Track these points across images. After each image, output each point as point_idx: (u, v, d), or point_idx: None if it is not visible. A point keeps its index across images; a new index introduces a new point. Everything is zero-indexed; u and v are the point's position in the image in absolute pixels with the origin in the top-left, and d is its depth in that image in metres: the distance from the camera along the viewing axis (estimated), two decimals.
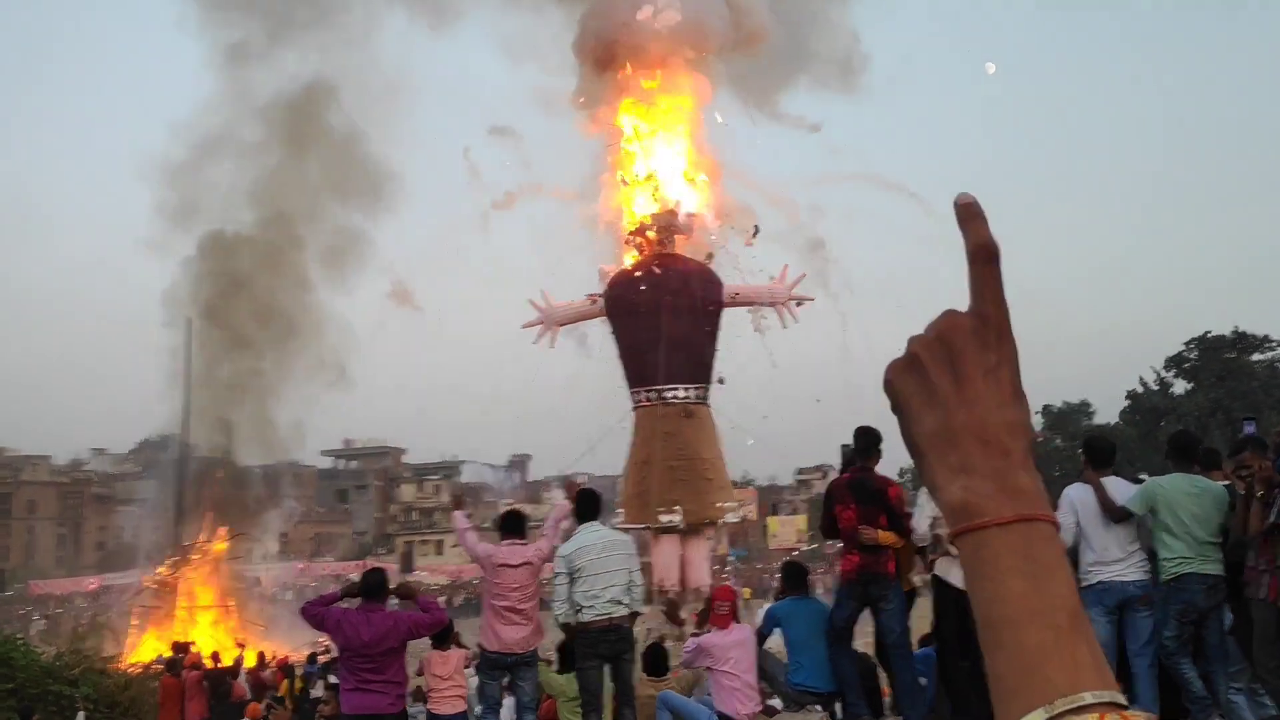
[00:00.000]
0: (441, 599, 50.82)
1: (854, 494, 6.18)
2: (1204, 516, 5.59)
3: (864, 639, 6.64)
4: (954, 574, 6.06)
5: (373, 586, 6.28)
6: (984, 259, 0.72)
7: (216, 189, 32.31)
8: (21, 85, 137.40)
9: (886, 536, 6.08)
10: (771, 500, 70.64)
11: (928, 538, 6.08)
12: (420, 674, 7.78)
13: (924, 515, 6.07)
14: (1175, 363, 51.58)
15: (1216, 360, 49.71)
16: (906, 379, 0.73)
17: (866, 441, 6.42)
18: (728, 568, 51.65)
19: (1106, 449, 6.23)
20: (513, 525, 6.79)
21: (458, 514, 7.09)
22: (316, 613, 6.23)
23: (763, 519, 64.48)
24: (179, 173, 32.40)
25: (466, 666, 7.75)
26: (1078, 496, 5.94)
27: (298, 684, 15.82)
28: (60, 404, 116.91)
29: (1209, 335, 50.54)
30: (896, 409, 0.74)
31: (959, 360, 0.71)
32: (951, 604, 6.07)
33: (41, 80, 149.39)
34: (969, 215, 0.73)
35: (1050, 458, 55.26)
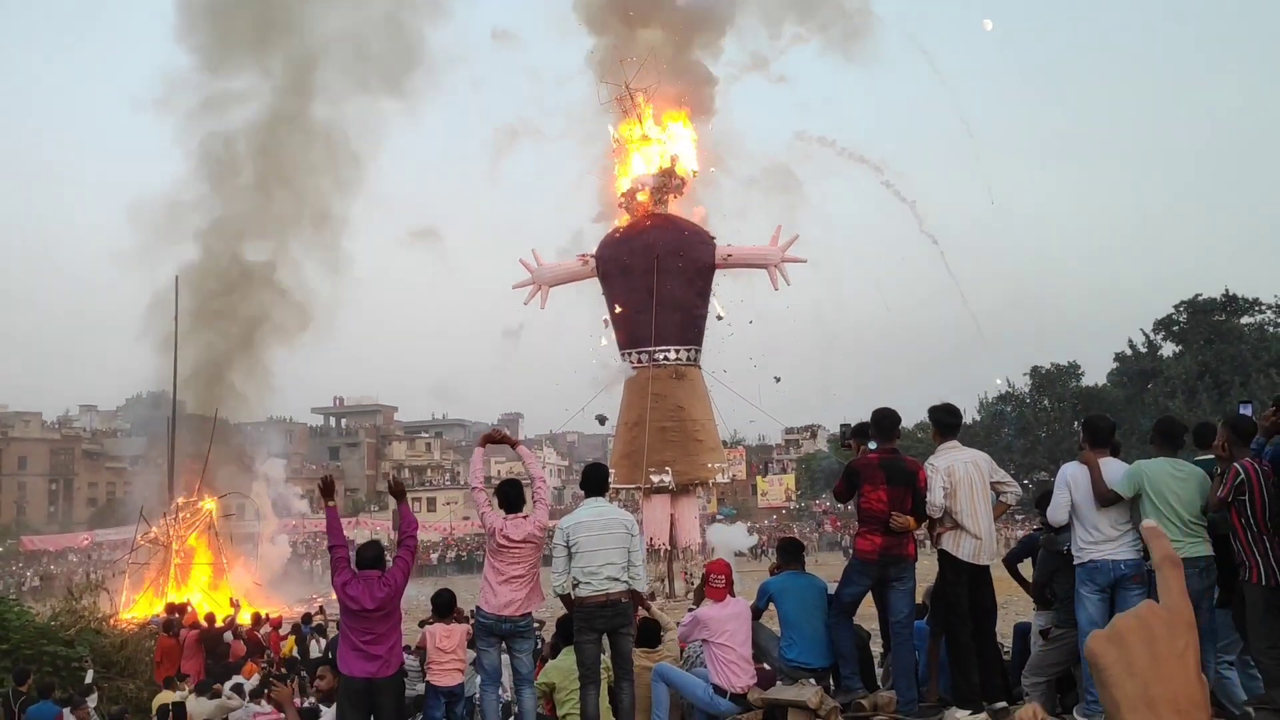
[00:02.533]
0: (434, 555, 50.92)
1: (886, 475, 6.16)
2: (1188, 499, 5.67)
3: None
4: (963, 547, 6.13)
5: (369, 560, 6.34)
6: (1172, 566, 0.95)
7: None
8: (20, 16, 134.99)
9: (913, 522, 6.13)
10: (761, 460, 71.08)
11: (941, 509, 6.12)
12: (421, 646, 7.85)
13: (936, 486, 6.12)
14: (1164, 325, 51.75)
15: (1205, 323, 49.86)
16: (1109, 649, 0.91)
17: (891, 422, 6.46)
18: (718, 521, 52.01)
19: (1105, 429, 6.26)
20: (512, 500, 6.81)
21: (478, 494, 7.05)
22: (345, 556, 6.33)
23: (752, 478, 64.92)
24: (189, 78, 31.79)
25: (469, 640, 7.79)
26: (1073, 475, 6.00)
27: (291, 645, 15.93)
28: (49, 360, 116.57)
29: (1199, 298, 50.63)
30: (1096, 670, 0.92)
31: (1156, 643, 0.90)
32: (962, 575, 6.14)
33: (42, 11, 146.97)
34: (1154, 536, 0.99)
35: (1038, 419, 55.70)
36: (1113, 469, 5.92)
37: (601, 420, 27.80)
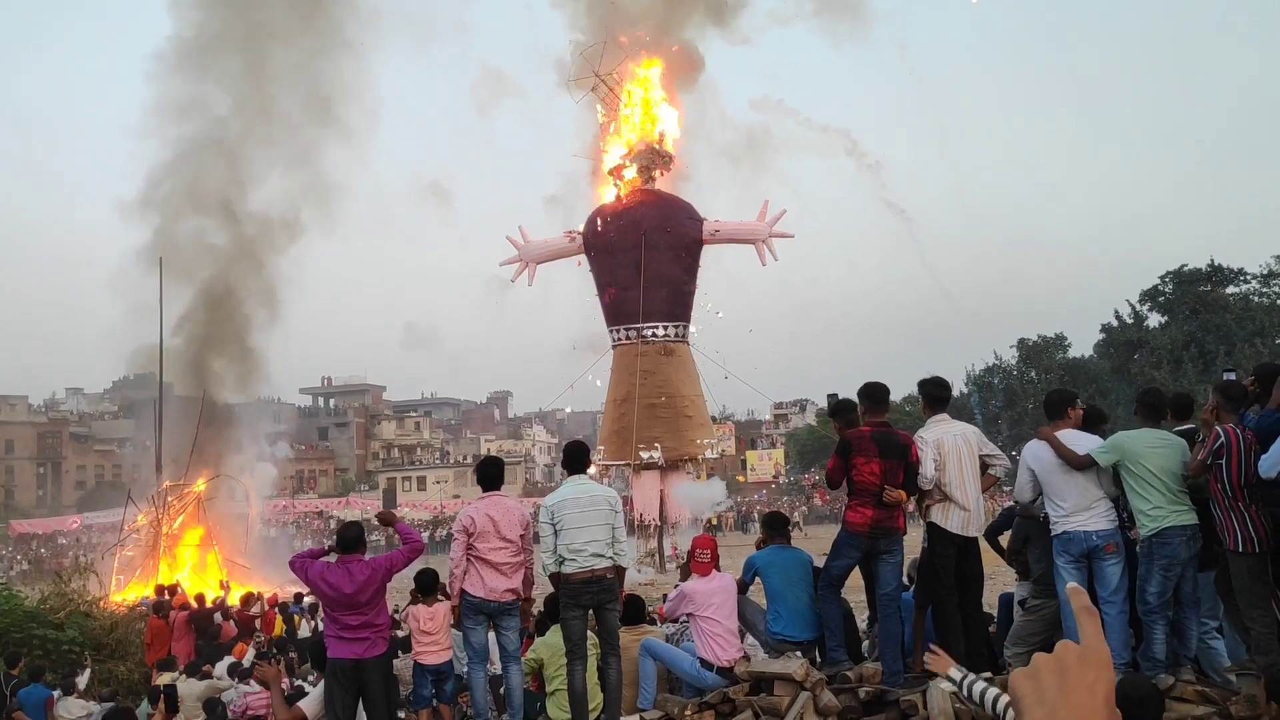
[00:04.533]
0: (425, 534, 51.09)
1: (879, 448, 6.15)
2: (1170, 468, 5.70)
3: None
4: (952, 519, 6.16)
5: (349, 541, 6.29)
6: (1089, 615, 1.05)
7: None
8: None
9: (905, 495, 6.15)
10: (749, 435, 71.26)
11: (932, 481, 6.14)
12: (405, 622, 7.84)
13: (928, 458, 6.14)
14: (1150, 296, 51.91)
15: (1191, 294, 50.04)
16: (1025, 682, 1.00)
17: (883, 394, 6.47)
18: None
19: (1055, 401, 6.31)
20: (493, 477, 6.77)
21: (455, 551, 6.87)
22: (301, 564, 6.27)
23: (741, 453, 65.11)
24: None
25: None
26: (1032, 453, 6.06)
27: (280, 625, 15.93)
28: (35, 344, 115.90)
29: (1184, 268, 50.79)
30: (1014, 702, 1.00)
31: (1068, 674, 0.98)
32: (950, 547, 6.17)
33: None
34: (1075, 593, 1.11)
35: (1025, 390, 55.96)
36: (1076, 437, 5.95)
37: None
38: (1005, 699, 3.71)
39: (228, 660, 11.89)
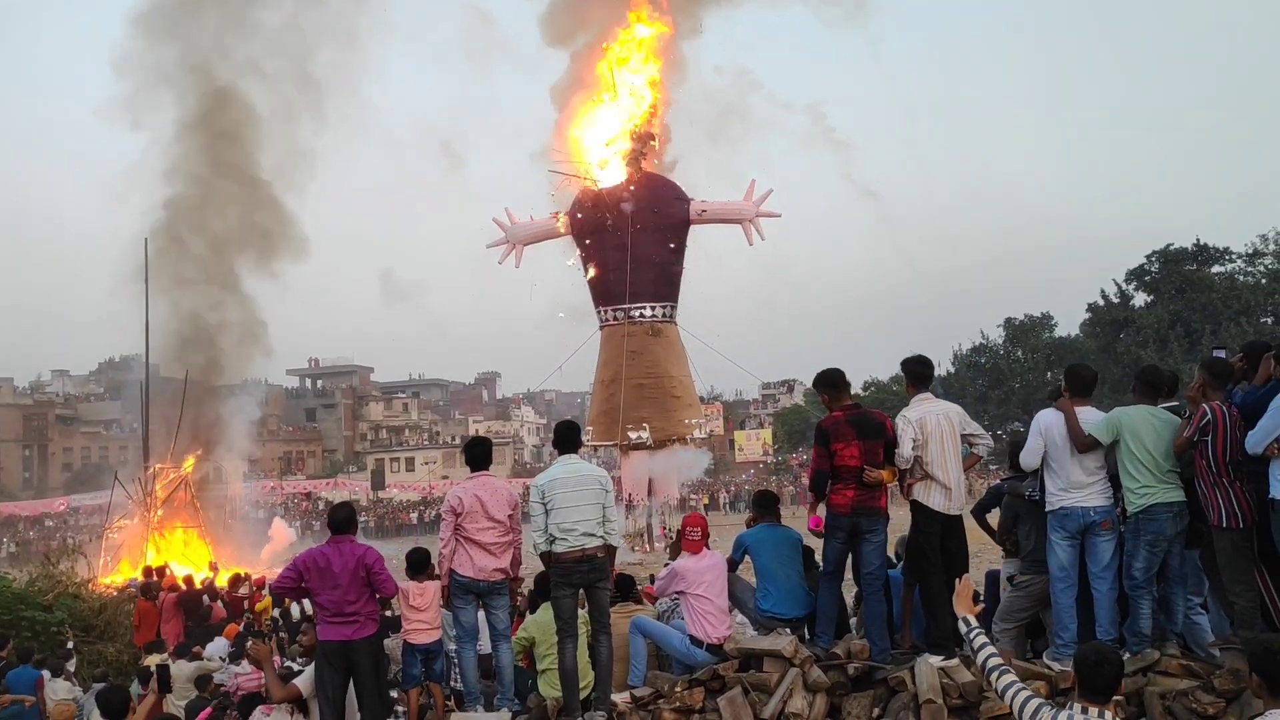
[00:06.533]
0: (413, 515, 50.71)
1: (856, 430, 6.20)
2: (1164, 446, 5.75)
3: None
4: (934, 497, 6.20)
5: (340, 521, 6.29)
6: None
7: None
8: None
9: (888, 475, 6.18)
10: (738, 415, 71.45)
11: (910, 460, 6.19)
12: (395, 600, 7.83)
13: (906, 438, 6.18)
14: (1136, 275, 52.17)
15: (1177, 273, 50.30)
16: None
17: (840, 378, 6.52)
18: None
19: (1088, 379, 6.31)
20: (481, 458, 6.77)
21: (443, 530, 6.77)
22: (287, 579, 6.27)
23: (730, 434, 65.31)
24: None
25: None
26: (1047, 421, 6.08)
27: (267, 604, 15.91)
28: (19, 326, 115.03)
29: (1170, 248, 51.03)
30: None
31: None
32: (935, 524, 6.21)
33: None
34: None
35: (1012, 370, 56.27)
36: (1089, 416, 5.98)
37: None
38: (1008, 681, 3.71)
39: (221, 642, 11.89)
